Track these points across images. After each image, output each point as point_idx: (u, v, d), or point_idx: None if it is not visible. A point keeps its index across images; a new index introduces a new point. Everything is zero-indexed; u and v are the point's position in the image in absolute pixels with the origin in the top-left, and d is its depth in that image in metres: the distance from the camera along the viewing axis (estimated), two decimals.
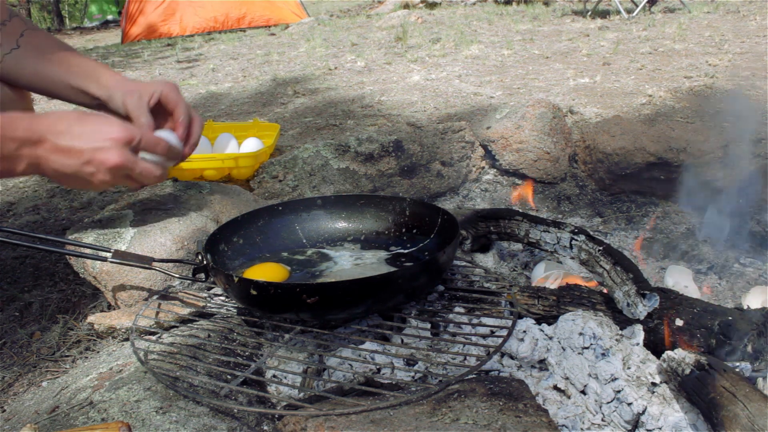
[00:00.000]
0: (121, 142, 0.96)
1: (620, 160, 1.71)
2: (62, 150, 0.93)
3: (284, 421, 0.80)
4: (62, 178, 0.97)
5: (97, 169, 0.95)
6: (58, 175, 0.96)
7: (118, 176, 0.98)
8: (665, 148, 1.66)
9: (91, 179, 0.97)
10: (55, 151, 0.93)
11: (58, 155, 0.93)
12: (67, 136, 0.94)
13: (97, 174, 0.96)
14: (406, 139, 1.80)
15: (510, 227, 1.39)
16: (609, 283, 1.16)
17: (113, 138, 0.96)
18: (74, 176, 0.96)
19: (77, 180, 0.97)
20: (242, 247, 1.17)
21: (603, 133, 1.77)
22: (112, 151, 0.95)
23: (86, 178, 0.96)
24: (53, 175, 0.96)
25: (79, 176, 0.96)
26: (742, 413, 0.70)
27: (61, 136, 0.93)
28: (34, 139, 0.92)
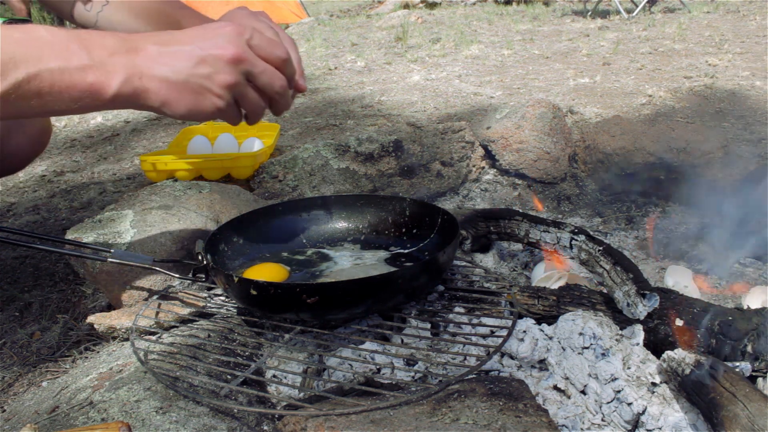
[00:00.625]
0: (235, 32, 0.77)
1: (620, 160, 1.71)
2: (167, 54, 0.74)
3: (284, 421, 0.80)
4: (172, 93, 0.74)
5: (214, 67, 0.75)
6: (166, 87, 0.74)
7: (239, 77, 0.77)
8: (665, 148, 1.66)
9: (208, 85, 0.75)
10: (159, 57, 0.73)
11: (162, 60, 0.73)
12: (170, 40, 0.76)
13: (216, 75, 0.75)
14: (406, 139, 1.80)
15: (510, 227, 1.39)
16: (609, 283, 1.16)
17: (226, 30, 0.77)
18: (186, 85, 0.74)
19: (191, 91, 0.75)
20: (242, 247, 1.17)
21: (603, 133, 1.77)
22: (229, 42, 0.76)
23: (203, 84, 0.75)
24: (161, 91, 0.73)
25: (192, 83, 0.74)
26: (742, 413, 0.70)
27: (161, 42, 0.75)
28: (128, 47, 0.72)
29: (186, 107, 0.75)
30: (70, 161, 2.26)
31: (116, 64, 0.70)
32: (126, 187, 1.92)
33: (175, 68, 0.74)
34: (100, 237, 1.16)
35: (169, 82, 0.73)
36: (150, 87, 0.73)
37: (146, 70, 0.72)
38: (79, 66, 0.68)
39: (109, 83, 0.70)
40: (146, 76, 0.72)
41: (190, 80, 0.74)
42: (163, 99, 0.74)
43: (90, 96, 0.69)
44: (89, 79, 0.68)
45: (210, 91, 0.75)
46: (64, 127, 2.76)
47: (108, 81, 0.70)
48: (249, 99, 0.79)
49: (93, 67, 0.69)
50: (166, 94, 0.74)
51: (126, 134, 2.55)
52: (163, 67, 0.73)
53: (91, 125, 2.76)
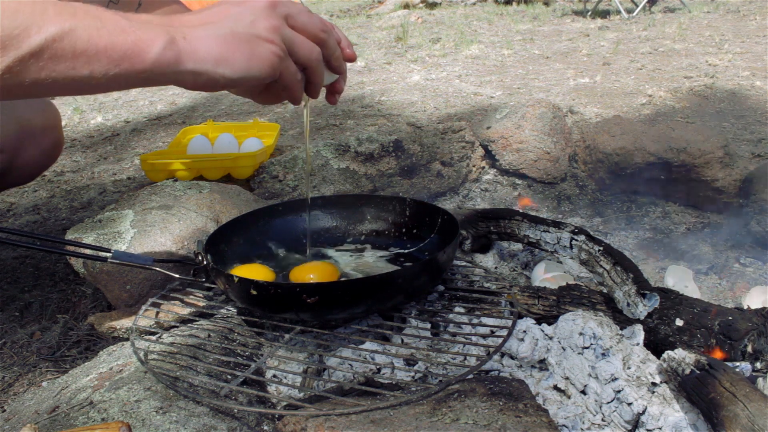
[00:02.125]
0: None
1: (620, 160, 1.71)
2: (204, 16, 0.70)
3: (284, 421, 0.80)
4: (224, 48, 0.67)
5: (254, 14, 0.69)
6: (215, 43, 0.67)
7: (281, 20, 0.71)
8: (665, 148, 1.66)
9: (255, 30, 0.69)
10: (197, 20, 0.69)
11: (201, 21, 0.69)
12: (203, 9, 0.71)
13: (258, 20, 0.69)
14: (406, 139, 1.80)
15: (510, 227, 1.39)
16: (609, 283, 1.16)
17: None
18: (235, 36, 0.68)
19: (241, 41, 0.68)
20: (242, 247, 1.17)
21: (603, 133, 1.77)
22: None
23: (249, 31, 0.68)
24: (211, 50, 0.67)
25: (240, 32, 0.68)
26: (742, 413, 0.70)
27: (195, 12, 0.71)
28: (164, 20, 0.67)
29: (243, 59, 0.68)
30: (70, 161, 2.26)
31: (156, 29, 0.64)
32: (126, 187, 1.92)
33: (218, 24, 0.68)
34: (100, 237, 1.16)
35: (216, 37, 0.67)
36: (197, 46, 0.66)
37: (189, 31, 0.66)
38: (117, 27, 0.61)
39: (152, 42, 0.62)
40: (190, 36, 0.66)
41: (236, 30, 0.68)
42: (215, 56, 0.66)
43: (129, 59, 0.62)
44: (129, 38, 0.61)
45: (259, 36, 0.69)
46: (64, 127, 2.76)
47: (150, 40, 0.62)
48: (298, 43, 0.72)
49: (132, 29, 0.62)
50: (218, 49, 0.66)
51: (126, 134, 2.55)
52: (203, 26, 0.68)
53: (91, 125, 2.76)
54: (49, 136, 1.39)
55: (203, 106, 2.96)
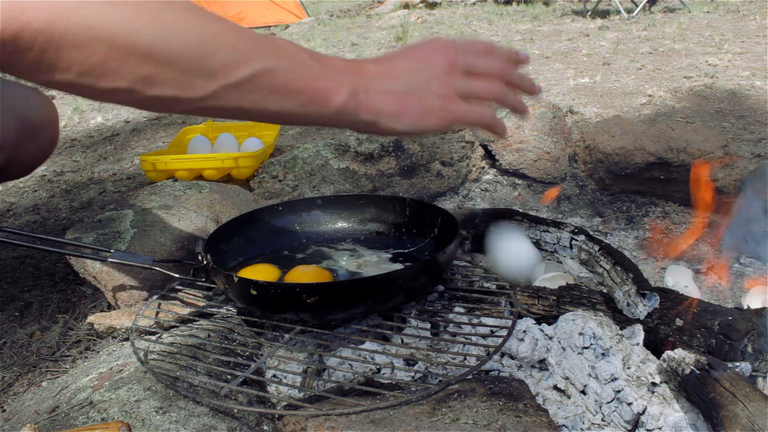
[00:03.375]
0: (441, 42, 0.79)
1: (620, 160, 1.71)
2: (387, 70, 0.76)
3: (284, 421, 0.80)
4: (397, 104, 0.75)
5: (432, 71, 0.76)
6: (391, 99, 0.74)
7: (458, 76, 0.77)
8: (665, 148, 1.66)
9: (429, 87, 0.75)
10: (379, 73, 0.75)
11: (383, 74, 0.75)
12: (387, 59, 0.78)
13: (435, 78, 0.75)
14: (406, 139, 1.80)
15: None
16: (609, 283, 1.16)
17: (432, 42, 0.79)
18: (409, 93, 0.75)
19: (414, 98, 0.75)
20: (242, 247, 1.17)
21: (603, 133, 1.77)
22: (440, 50, 0.77)
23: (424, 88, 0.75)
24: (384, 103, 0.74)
25: (414, 90, 0.75)
26: (742, 413, 0.70)
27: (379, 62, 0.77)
28: (353, 66, 0.75)
29: (415, 115, 0.75)
30: (70, 161, 2.26)
31: (343, 79, 0.71)
32: (126, 187, 1.92)
33: (396, 80, 0.74)
34: (100, 237, 1.16)
35: (392, 93, 0.74)
36: (375, 101, 0.73)
37: (370, 84, 0.73)
38: (312, 73, 0.68)
39: (338, 92, 0.70)
40: (371, 90, 0.73)
41: (412, 87, 0.74)
42: (391, 110, 0.73)
43: (316, 103, 0.69)
44: (320, 84, 0.69)
45: (432, 93, 0.75)
46: (64, 127, 2.76)
47: (337, 90, 0.70)
48: (477, 87, 0.77)
49: (324, 76, 0.69)
50: (393, 105, 0.73)
51: (126, 134, 2.55)
52: (384, 81, 0.74)
53: (91, 125, 2.76)
54: (47, 132, 1.40)
55: None
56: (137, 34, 0.58)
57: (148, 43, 0.58)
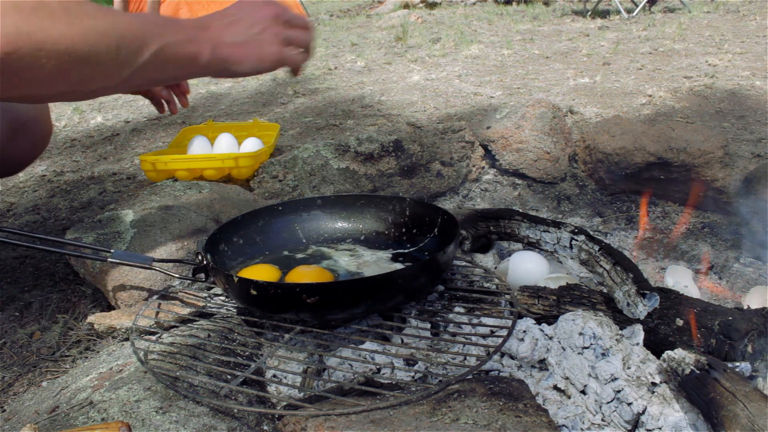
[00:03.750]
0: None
1: (620, 160, 1.71)
2: (230, 24, 0.96)
3: (284, 421, 0.80)
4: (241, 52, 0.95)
5: (263, 24, 0.98)
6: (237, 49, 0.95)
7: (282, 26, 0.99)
8: (665, 148, 1.66)
9: (264, 37, 0.97)
10: (226, 27, 0.95)
11: (229, 30, 0.95)
12: (225, 15, 0.98)
13: (266, 29, 0.97)
14: (406, 139, 1.80)
15: (510, 227, 1.39)
16: (609, 283, 1.16)
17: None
18: (250, 43, 0.96)
19: (254, 47, 0.97)
20: (242, 247, 1.17)
21: (603, 133, 1.77)
22: (266, 5, 0.99)
23: (260, 38, 0.97)
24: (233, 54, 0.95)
25: (254, 40, 0.96)
26: (742, 413, 0.70)
27: (220, 17, 0.97)
28: (204, 25, 0.94)
29: (254, 60, 0.95)
30: (70, 161, 2.26)
31: (203, 39, 0.91)
32: (126, 187, 1.92)
33: (238, 33, 0.95)
34: (100, 237, 1.16)
35: (236, 45, 0.94)
36: (226, 52, 0.93)
37: (220, 40, 0.92)
38: (184, 39, 0.88)
39: (203, 53, 0.90)
40: (221, 44, 0.92)
41: (249, 39, 0.95)
42: (237, 59, 0.94)
43: (191, 64, 0.90)
44: (192, 49, 0.89)
45: (267, 42, 0.96)
46: (64, 127, 2.76)
47: (202, 51, 0.90)
48: (296, 37, 1.00)
49: (192, 41, 0.89)
50: (238, 54, 0.94)
51: (126, 134, 2.55)
52: (229, 35, 0.94)
53: (91, 125, 2.76)
54: (39, 127, 1.41)
55: (203, 106, 2.96)
56: (74, 46, 0.72)
57: (84, 51, 0.73)
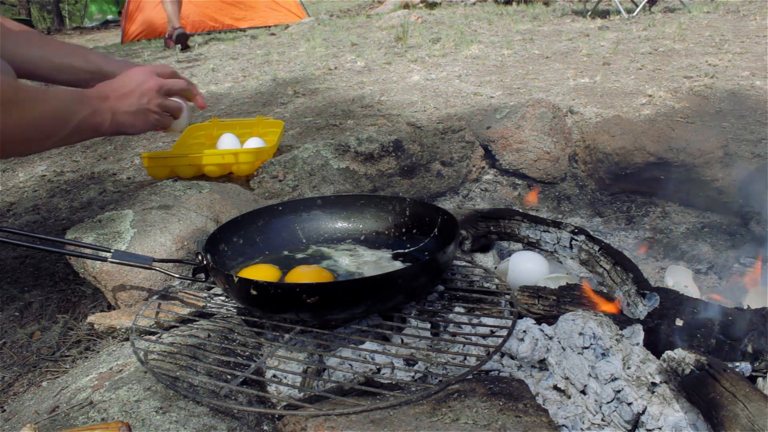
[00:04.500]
0: (151, 71, 1.27)
1: (620, 160, 1.71)
2: (123, 96, 1.20)
3: (284, 421, 0.80)
4: (132, 119, 1.22)
5: (148, 96, 1.23)
6: (129, 117, 1.21)
7: (163, 97, 1.27)
8: (665, 148, 1.66)
9: (149, 106, 1.24)
10: (120, 99, 1.20)
11: (123, 101, 1.20)
12: (118, 87, 1.21)
13: (151, 100, 1.24)
14: (406, 139, 1.80)
15: (510, 227, 1.39)
16: (609, 283, 1.16)
17: (147, 70, 1.27)
18: (138, 112, 1.22)
19: (141, 114, 1.23)
20: (242, 247, 1.17)
21: (603, 133, 1.77)
22: (150, 79, 1.25)
23: (146, 107, 1.23)
24: (127, 121, 1.21)
25: (141, 110, 1.23)
26: (742, 413, 0.70)
27: (115, 89, 1.21)
28: (103, 96, 1.17)
29: (141, 125, 1.25)
30: (70, 161, 2.26)
31: (105, 110, 1.17)
32: (126, 187, 1.92)
33: (131, 103, 1.22)
34: (100, 237, 1.16)
35: (130, 113, 1.22)
36: (122, 120, 1.21)
37: (117, 110, 1.20)
38: (91, 113, 1.15)
39: (104, 122, 1.18)
40: (118, 113, 1.20)
41: (140, 108, 1.23)
42: (129, 125, 1.23)
43: (94, 131, 1.19)
44: (96, 119, 1.16)
45: (150, 110, 1.25)
46: None
47: (104, 121, 1.18)
48: (170, 107, 1.30)
49: (96, 113, 1.16)
50: (131, 121, 1.22)
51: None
52: (123, 106, 1.21)
53: None
54: None
55: None
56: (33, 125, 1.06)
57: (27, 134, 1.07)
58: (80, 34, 9.87)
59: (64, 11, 13.55)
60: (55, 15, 12.80)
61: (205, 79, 3.62)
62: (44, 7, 13.73)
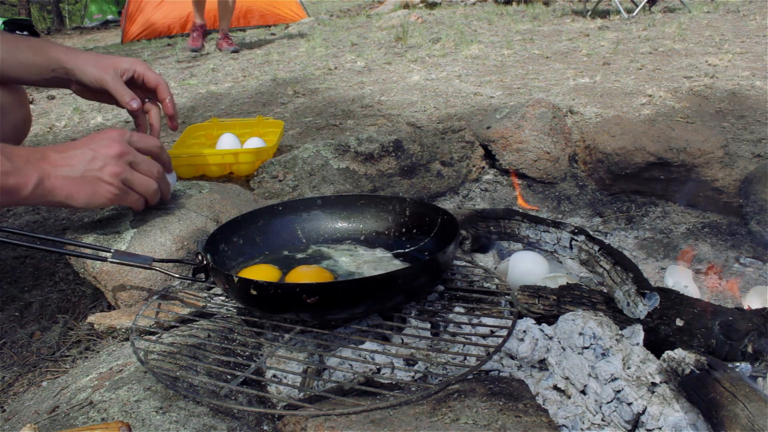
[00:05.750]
0: (117, 135, 1.01)
1: (620, 160, 1.71)
2: (66, 158, 0.96)
3: (284, 421, 0.81)
4: (73, 187, 0.96)
5: (104, 161, 0.97)
6: (68, 183, 0.95)
7: (124, 167, 0.99)
8: (665, 148, 1.66)
9: (101, 175, 0.97)
10: (60, 161, 0.95)
11: (62, 163, 0.95)
12: (65, 148, 0.98)
13: (105, 167, 0.97)
14: (406, 139, 1.80)
15: (510, 227, 1.39)
16: (609, 283, 1.16)
17: (110, 134, 1.01)
18: (84, 179, 0.96)
19: (87, 183, 0.96)
20: (242, 247, 1.17)
21: (603, 133, 1.77)
22: (113, 142, 0.99)
23: (96, 175, 0.97)
24: (64, 187, 0.95)
25: (88, 177, 0.96)
26: (742, 413, 0.70)
27: (60, 150, 0.97)
28: (37, 156, 0.94)
29: (86, 197, 0.97)
30: None
31: (31, 171, 0.92)
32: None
33: (74, 167, 0.95)
34: (100, 237, 1.16)
35: (69, 179, 0.95)
36: (56, 185, 0.94)
37: (52, 172, 0.94)
38: (5, 171, 0.89)
39: (26, 184, 0.91)
40: (52, 177, 0.94)
41: (86, 174, 0.96)
42: (66, 193, 0.95)
43: (11, 194, 0.90)
44: (11, 181, 0.90)
45: (102, 180, 0.97)
46: (64, 127, 2.76)
47: (25, 183, 0.91)
48: (135, 182, 1.02)
49: (14, 173, 0.90)
50: (69, 189, 0.95)
51: None
52: (63, 168, 0.95)
53: (91, 125, 2.76)
54: (19, 112, 1.42)
55: (203, 106, 2.96)
56: None
57: None
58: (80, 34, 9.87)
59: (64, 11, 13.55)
60: (55, 15, 12.81)
61: (205, 79, 3.63)
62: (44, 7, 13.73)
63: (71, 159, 0.96)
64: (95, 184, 0.97)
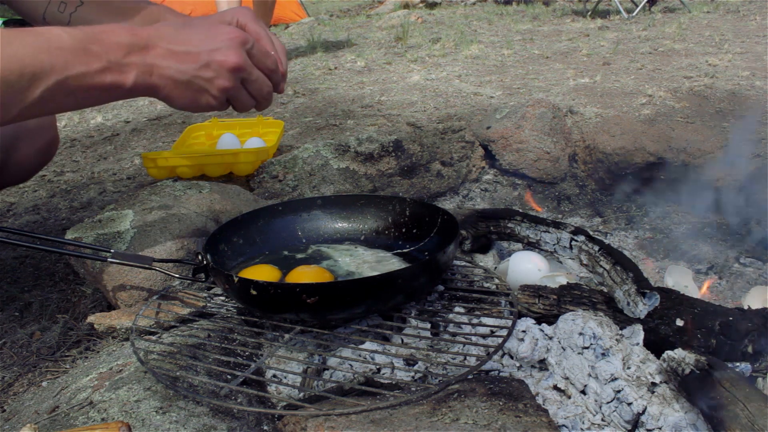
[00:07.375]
0: (238, 42, 0.86)
1: (620, 160, 1.71)
2: (176, 54, 0.83)
3: (284, 421, 0.80)
4: (176, 90, 0.85)
5: (216, 72, 0.85)
6: (172, 84, 0.84)
7: (236, 82, 0.88)
8: (665, 148, 1.66)
9: (208, 87, 0.86)
10: (169, 56, 0.83)
11: (172, 60, 0.83)
12: (179, 39, 0.84)
13: (216, 79, 0.86)
14: (406, 139, 1.80)
15: (510, 227, 1.39)
16: (609, 282, 1.16)
17: (231, 38, 0.86)
18: (190, 85, 0.85)
19: (192, 90, 0.86)
20: (242, 247, 1.17)
21: (603, 133, 1.77)
22: (232, 51, 0.85)
23: (203, 86, 0.86)
24: (167, 87, 0.84)
25: (195, 84, 0.85)
26: (742, 413, 0.70)
27: (171, 40, 0.83)
28: (141, 45, 0.81)
29: (185, 101, 0.87)
30: (70, 161, 2.26)
31: (130, 64, 0.81)
32: (126, 187, 1.92)
33: (181, 70, 0.84)
34: (100, 237, 1.16)
35: (175, 81, 0.84)
36: (158, 83, 0.84)
37: (156, 69, 0.83)
38: (99, 69, 0.79)
39: (126, 81, 0.81)
40: (156, 74, 0.83)
41: (193, 81, 0.85)
42: (167, 93, 0.85)
43: (110, 92, 0.82)
44: (108, 79, 0.80)
45: (208, 92, 0.87)
46: (64, 127, 2.76)
47: (124, 79, 0.81)
48: (240, 100, 0.92)
49: (111, 69, 0.79)
50: (170, 91, 0.85)
51: (126, 134, 2.55)
52: (170, 69, 0.83)
53: (91, 125, 2.76)
54: (44, 135, 1.40)
55: None
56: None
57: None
58: None
59: None
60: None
61: None
62: None
63: (183, 58, 0.83)
64: (200, 92, 0.86)
